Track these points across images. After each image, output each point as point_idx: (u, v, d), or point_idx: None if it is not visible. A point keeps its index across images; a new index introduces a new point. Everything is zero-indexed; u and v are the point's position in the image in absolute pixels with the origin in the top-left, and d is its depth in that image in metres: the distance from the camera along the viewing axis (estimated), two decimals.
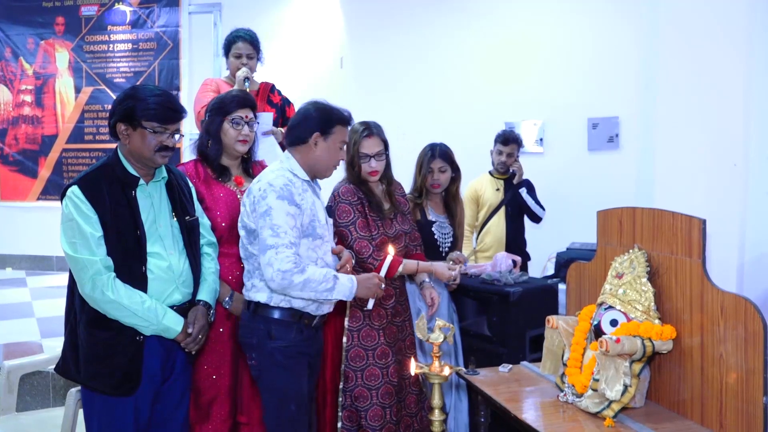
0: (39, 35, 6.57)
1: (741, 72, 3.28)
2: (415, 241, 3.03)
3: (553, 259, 4.40)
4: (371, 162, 2.80)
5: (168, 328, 2.20)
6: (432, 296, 2.89)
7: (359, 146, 2.81)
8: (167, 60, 6.34)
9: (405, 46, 5.70)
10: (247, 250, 2.40)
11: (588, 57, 5.15)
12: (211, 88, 3.79)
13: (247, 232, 2.38)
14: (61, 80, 6.56)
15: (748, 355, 1.93)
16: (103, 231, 2.13)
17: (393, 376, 2.83)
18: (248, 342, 2.40)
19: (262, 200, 2.30)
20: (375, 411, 2.79)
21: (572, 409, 2.25)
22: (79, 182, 2.16)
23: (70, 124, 6.56)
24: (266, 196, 2.30)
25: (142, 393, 2.19)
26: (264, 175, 2.40)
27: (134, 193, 2.21)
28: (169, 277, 2.23)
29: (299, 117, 2.44)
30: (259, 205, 2.30)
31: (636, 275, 2.26)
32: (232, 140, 2.62)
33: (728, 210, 3.26)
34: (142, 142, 2.17)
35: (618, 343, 2.08)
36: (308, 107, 2.45)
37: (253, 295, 2.38)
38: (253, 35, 3.77)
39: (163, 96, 2.21)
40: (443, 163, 3.30)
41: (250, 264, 2.40)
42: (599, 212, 2.61)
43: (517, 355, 3.13)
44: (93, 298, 2.11)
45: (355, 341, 2.83)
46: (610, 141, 5.12)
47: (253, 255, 2.37)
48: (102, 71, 6.50)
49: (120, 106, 2.19)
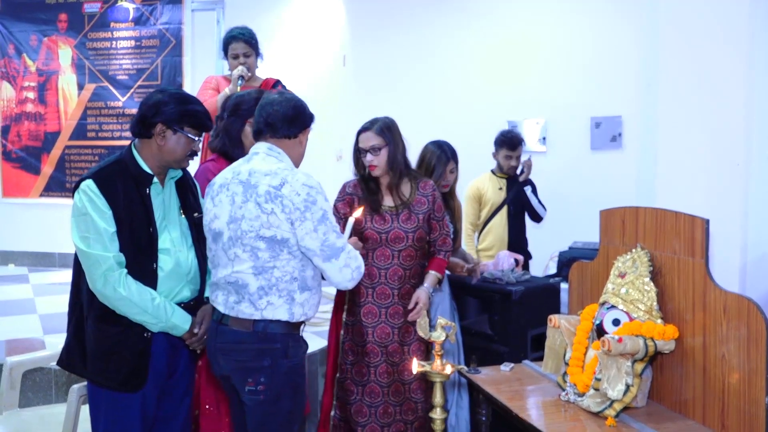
0: (42, 32, 6.57)
1: (742, 71, 3.28)
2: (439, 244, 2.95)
3: (556, 258, 4.40)
4: (367, 156, 2.82)
5: (176, 326, 2.21)
6: (417, 297, 2.83)
7: (358, 141, 2.85)
8: (170, 57, 6.34)
9: (407, 45, 5.69)
10: (263, 263, 2.13)
11: (591, 56, 5.14)
12: (212, 85, 3.80)
13: (270, 242, 2.12)
14: (63, 77, 6.56)
15: (751, 355, 1.93)
16: (117, 227, 2.13)
17: (382, 377, 2.82)
18: (255, 366, 2.15)
19: (312, 205, 2.11)
20: (359, 407, 2.82)
21: (574, 409, 2.25)
22: (94, 176, 2.15)
23: (73, 121, 6.56)
24: (316, 200, 2.12)
25: (148, 389, 2.20)
26: (279, 173, 2.15)
27: (148, 191, 2.21)
28: (178, 274, 2.25)
29: (291, 110, 2.24)
30: (311, 212, 2.11)
31: (638, 275, 2.26)
32: (251, 142, 2.52)
33: (731, 210, 3.26)
34: (177, 145, 2.20)
35: (620, 342, 2.08)
36: (298, 101, 2.29)
37: (269, 314, 2.15)
38: (249, 33, 3.76)
39: (201, 105, 2.28)
40: (454, 164, 3.33)
41: (266, 279, 2.14)
42: (602, 211, 2.61)
43: (518, 354, 3.13)
44: (104, 294, 2.11)
45: (348, 335, 2.88)
46: (613, 140, 5.11)
47: (272, 268, 2.14)
48: (105, 68, 6.51)
49: (166, 108, 2.17)
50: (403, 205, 2.86)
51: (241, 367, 2.17)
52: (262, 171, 2.16)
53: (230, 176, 2.22)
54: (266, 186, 2.12)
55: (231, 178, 2.21)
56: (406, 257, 2.84)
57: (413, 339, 2.86)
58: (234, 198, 2.16)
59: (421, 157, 3.35)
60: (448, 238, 2.99)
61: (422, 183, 2.93)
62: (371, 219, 2.82)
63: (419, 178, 2.94)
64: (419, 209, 2.87)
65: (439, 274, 2.94)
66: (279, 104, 2.24)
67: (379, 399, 2.82)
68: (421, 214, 2.87)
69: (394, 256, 2.82)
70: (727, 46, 3.29)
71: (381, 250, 2.81)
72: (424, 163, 3.32)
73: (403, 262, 2.84)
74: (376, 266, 2.82)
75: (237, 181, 2.18)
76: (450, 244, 3.00)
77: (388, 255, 2.82)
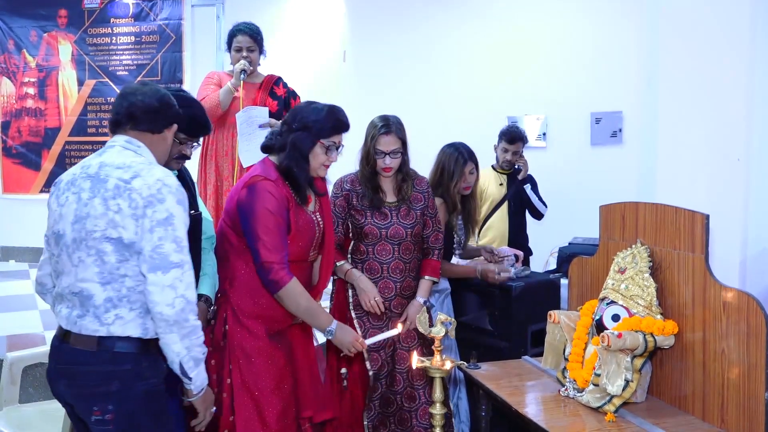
0: (42, 27, 6.55)
1: (744, 66, 3.27)
2: (432, 241, 2.96)
3: (555, 254, 4.40)
4: (386, 159, 2.79)
5: None
6: (406, 313, 2.86)
7: (376, 142, 2.79)
8: (170, 53, 6.33)
9: (407, 41, 5.68)
10: (111, 270, 1.85)
11: (591, 51, 5.13)
12: (213, 81, 3.80)
13: (117, 244, 1.84)
14: (64, 73, 6.55)
15: (750, 350, 1.93)
16: None
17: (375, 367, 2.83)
18: (101, 391, 1.85)
19: (158, 203, 1.84)
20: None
21: (573, 404, 2.25)
22: None
23: (73, 117, 6.55)
24: (164, 199, 1.85)
25: None
26: (134, 165, 1.89)
27: None
28: None
29: (156, 102, 2.00)
30: (153, 209, 1.84)
31: (638, 270, 2.26)
32: (318, 164, 2.40)
33: (731, 205, 3.25)
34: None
35: (620, 338, 2.08)
36: (165, 95, 2.04)
37: (117, 330, 1.85)
38: (254, 28, 3.77)
39: (196, 108, 2.21)
40: (473, 164, 3.30)
41: (114, 289, 1.85)
42: (602, 207, 2.61)
43: (518, 349, 3.13)
44: None
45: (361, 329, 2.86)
46: (613, 136, 5.10)
47: (123, 276, 1.85)
48: (105, 64, 6.49)
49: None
50: (403, 201, 2.88)
51: (85, 393, 1.87)
52: (115, 164, 1.90)
53: (78, 171, 1.95)
54: (116, 180, 1.86)
55: (79, 174, 1.93)
56: (405, 251, 2.86)
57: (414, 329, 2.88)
58: (80, 195, 1.88)
59: (438, 162, 3.30)
60: (440, 234, 3.00)
61: (417, 180, 2.95)
62: (371, 215, 2.82)
63: (414, 175, 2.95)
64: (417, 205, 2.90)
65: (435, 278, 2.94)
66: (143, 94, 1.98)
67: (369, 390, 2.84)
68: (418, 209, 2.90)
69: (395, 251, 2.84)
70: (728, 41, 3.28)
71: (381, 245, 2.83)
72: (441, 168, 3.27)
73: (403, 256, 2.86)
74: (378, 261, 2.83)
75: (85, 175, 1.91)
76: (441, 241, 3.00)
77: (389, 249, 2.83)
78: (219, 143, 3.74)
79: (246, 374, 2.34)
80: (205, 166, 3.76)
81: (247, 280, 2.38)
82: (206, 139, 3.78)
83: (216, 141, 3.75)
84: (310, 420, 2.47)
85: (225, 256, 2.43)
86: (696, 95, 3.33)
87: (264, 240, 2.26)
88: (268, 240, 2.26)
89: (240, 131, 3.59)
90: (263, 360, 2.36)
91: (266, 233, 2.26)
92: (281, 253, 2.28)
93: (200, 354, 1.93)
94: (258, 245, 2.27)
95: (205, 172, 3.75)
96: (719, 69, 3.29)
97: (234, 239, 2.37)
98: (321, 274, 2.57)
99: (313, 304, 2.39)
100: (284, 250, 2.30)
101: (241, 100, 3.63)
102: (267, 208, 2.27)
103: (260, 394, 2.33)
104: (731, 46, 3.28)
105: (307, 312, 2.37)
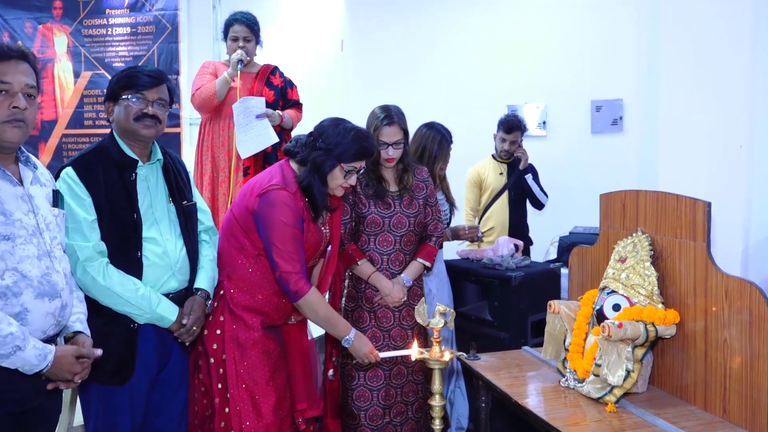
0: (37, 19, 6.51)
1: (746, 53, 3.24)
2: (431, 229, 2.94)
3: (556, 243, 4.38)
4: (389, 150, 2.78)
5: (162, 317, 2.16)
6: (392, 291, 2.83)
7: (379, 133, 2.76)
8: (166, 44, 6.28)
9: (406, 29, 5.64)
10: None
11: (591, 39, 5.08)
12: (209, 70, 3.76)
13: None
14: (59, 65, 6.51)
15: (753, 339, 1.91)
16: (97, 214, 2.09)
17: (385, 361, 2.81)
18: None
19: None
20: (361, 392, 2.80)
21: (574, 395, 2.24)
22: (74, 163, 2.12)
23: (70, 109, 6.52)
24: None
25: (137, 382, 2.16)
26: None
27: (134, 176, 2.17)
28: (165, 264, 2.20)
29: None
30: None
31: (639, 259, 2.23)
32: (336, 185, 2.43)
33: (733, 192, 3.23)
34: (123, 113, 2.17)
35: (620, 327, 2.06)
36: None
37: None
38: (251, 18, 3.73)
39: (137, 67, 2.24)
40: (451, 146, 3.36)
41: None
42: (602, 195, 2.58)
43: (518, 339, 3.12)
44: (84, 284, 2.07)
45: (349, 320, 2.84)
46: (614, 124, 5.06)
47: None
48: (101, 55, 6.45)
49: (108, 88, 2.22)
50: (405, 190, 2.87)
51: None
52: None
53: None
54: None
55: None
56: (406, 242, 2.85)
57: (415, 323, 2.85)
58: None
59: (420, 145, 3.29)
60: (440, 223, 3.00)
61: (417, 169, 2.95)
62: (375, 204, 2.80)
63: (414, 164, 2.95)
64: (419, 194, 2.90)
65: (427, 263, 2.90)
66: None
67: (381, 382, 2.81)
68: (420, 199, 2.90)
69: (396, 242, 2.82)
70: (730, 27, 3.25)
71: (383, 236, 2.81)
72: (422, 149, 3.27)
73: (404, 247, 2.85)
74: (378, 252, 2.81)
75: None
76: (441, 230, 3.00)
77: (390, 241, 2.82)
78: (215, 134, 3.70)
79: (240, 366, 2.34)
80: (202, 156, 3.72)
81: (245, 274, 2.41)
82: (203, 130, 3.74)
83: (212, 132, 3.71)
84: (302, 413, 2.48)
85: (227, 249, 2.45)
86: (697, 82, 3.30)
87: (282, 251, 2.32)
88: (285, 251, 2.32)
89: (237, 122, 3.55)
90: (258, 352, 2.37)
91: (284, 244, 2.32)
92: (299, 263, 2.35)
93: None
94: (276, 256, 2.32)
95: (202, 163, 3.72)
96: (721, 55, 3.26)
97: (246, 242, 2.40)
98: (321, 279, 2.62)
99: (332, 313, 2.46)
100: (302, 259, 2.36)
101: (238, 90, 3.59)
102: (283, 220, 2.32)
103: (255, 386, 2.33)
104: (733, 32, 3.25)
105: (325, 320, 2.44)
